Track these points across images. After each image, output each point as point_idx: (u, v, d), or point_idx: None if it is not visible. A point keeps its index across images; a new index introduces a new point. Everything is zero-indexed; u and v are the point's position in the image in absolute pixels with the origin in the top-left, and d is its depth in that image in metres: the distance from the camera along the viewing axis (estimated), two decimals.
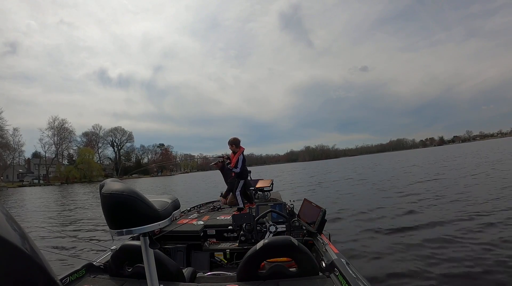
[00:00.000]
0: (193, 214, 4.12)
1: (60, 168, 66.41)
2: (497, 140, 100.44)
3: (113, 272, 1.86)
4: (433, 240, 4.41)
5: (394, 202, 7.88)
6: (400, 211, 6.73)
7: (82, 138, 77.37)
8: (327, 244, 2.37)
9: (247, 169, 4.91)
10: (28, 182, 59.01)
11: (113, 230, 0.94)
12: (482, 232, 4.57)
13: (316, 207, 2.99)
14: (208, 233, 3.24)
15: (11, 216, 0.41)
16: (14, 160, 62.48)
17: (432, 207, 6.80)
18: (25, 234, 0.40)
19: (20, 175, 62.46)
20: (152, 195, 1.09)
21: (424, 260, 3.72)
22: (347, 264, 1.77)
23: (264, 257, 1.74)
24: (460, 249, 3.97)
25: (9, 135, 57.99)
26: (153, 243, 1.07)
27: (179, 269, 1.81)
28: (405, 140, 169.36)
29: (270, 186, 5.35)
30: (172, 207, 1.09)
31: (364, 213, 6.85)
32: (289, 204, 3.50)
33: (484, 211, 5.80)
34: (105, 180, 1.03)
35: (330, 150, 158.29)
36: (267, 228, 2.68)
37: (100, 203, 0.96)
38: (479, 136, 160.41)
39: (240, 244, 2.89)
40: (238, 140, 4.75)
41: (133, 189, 0.96)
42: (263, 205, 3.25)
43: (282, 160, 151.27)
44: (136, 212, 0.93)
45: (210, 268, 2.81)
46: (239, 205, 4.48)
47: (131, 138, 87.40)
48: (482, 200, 6.84)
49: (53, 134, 67.87)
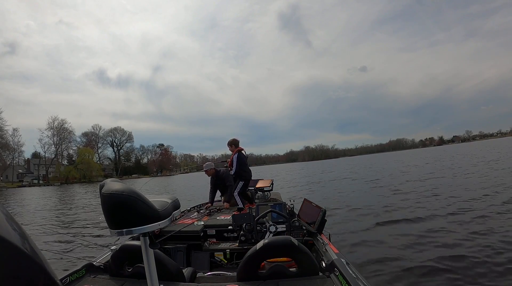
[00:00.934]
0: (193, 214, 4.12)
1: (60, 168, 66.34)
2: (497, 140, 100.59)
3: (113, 272, 1.86)
4: (433, 240, 4.41)
5: (393, 203, 7.88)
6: (400, 211, 6.74)
7: (82, 138, 77.57)
8: (327, 244, 2.37)
9: (249, 170, 4.87)
10: (27, 182, 58.95)
11: (113, 230, 0.94)
12: (486, 235, 4.58)
13: (316, 207, 2.99)
14: (208, 233, 3.24)
15: (11, 216, 0.41)
16: (14, 160, 62.46)
17: (432, 206, 6.80)
18: (25, 234, 0.40)
19: (20, 175, 62.40)
20: (152, 195, 1.09)
21: (424, 259, 3.72)
22: (347, 264, 1.77)
23: (264, 257, 1.74)
24: (462, 249, 3.97)
25: (9, 135, 58.09)
26: (153, 243, 1.07)
27: (179, 269, 1.81)
28: (405, 140, 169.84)
29: (270, 186, 5.35)
30: (172, 207, 1.09)
31: (364, 213, 6.85)
32: (289, 204, 3.50)
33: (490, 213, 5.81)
34: (105, 180, 1.03)
35: (329, 150, 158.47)
36: (267, 228, 2.68)
37: (100, 203, 0.96)
38: (479, 136, 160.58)
39: (240, 244, 2.89)
40: (236, 140, 4.75)
41: (133, 189, 0.96)
42: (263, 205, 3.25)
43: (282, 160, 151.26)
44: (136, 212, 0.93)
45: (210, 268, 2.81)
46: (239, 205, 4.48)
47: (130, 138, 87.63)
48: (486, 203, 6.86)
49: (52, 134, 67.87)
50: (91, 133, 79.72)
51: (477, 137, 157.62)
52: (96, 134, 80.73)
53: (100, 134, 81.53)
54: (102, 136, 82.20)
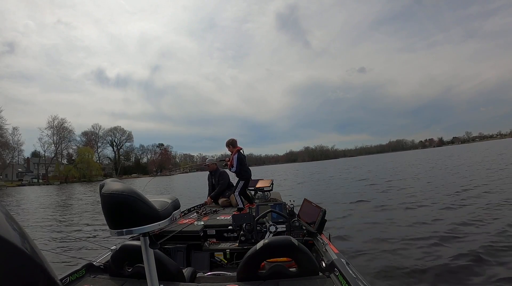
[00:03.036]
0: (193, 214, 4.12)
1: (59, 167, 66.31)
2: (496, 141, 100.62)
3: (113, 272, 1.86)
4: (433, 239, 4.41)
5: (394, 202, 7.88)
6: (400, 210, 6.74)
7: (82, 137, 77.53)
8: (327, 244, 2.37)
9: (249, 169, 4.90)
10: (27, 181, 58.94)
11: (113, 230, 0.93)
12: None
13: (316, 207, 2.99)
14: (208, 233, 3.24)
15: (11, 215, 0.40)
16: (14, 159, 62.55)
17: (431, 207, 6.80)
18: (25, 233, 0.40)
19: (19, 174, 62.37)
20: (152, 195, 1.09)
21: (424, 259, 3.72)
22: (347, 264, 1.77)
23: (264, 257, 1.74)
24: (462, 247, 3.97)
25: (9, 134, 58.17)
26: (153, 243, 1.06)
27: (179, 269, 1.81)
28: (405, 141, 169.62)
29: (270, 186, 5.35)
30: (172, 207, 1.09)
31: (364, 213, 6.86)
32: (289, 204, 3.50)
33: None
34: (105, 180, 1.03)
35: (329, 150, 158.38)
36: (267, 228, 2.68)
37: (100, 203, 0.96)
38: (478, 137, 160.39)
39: (240, 244, 2.89)
40: (234, 140, 4.82)
41: (133, 189, 0.95)
42: (263, 205, 3.24)
43: (282, 160, 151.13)
44: (136, 212, 0.93)
45: (210, 268, 2.81)
46: (239, 206, 4.49)
47: (130, 137, 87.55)
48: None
49: (52, 133, 67.90)
50: (91, 133, 79.83)
51: (476, 139, 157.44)
52: (96, 134, 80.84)
53: (100, 133, 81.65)
54: (102, 136, 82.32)
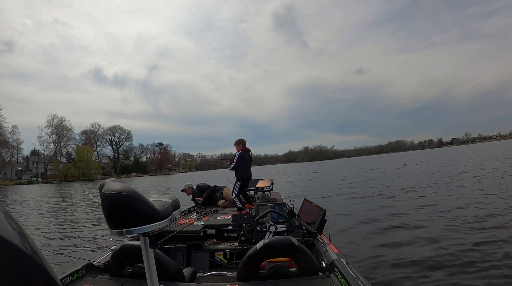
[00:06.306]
0: (193, 214, 4.13)
1: (59, 166, 66.27)
2: (496, 143, 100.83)
3: (113, 272, 1.86)
4: (433, 239, 4.42)
5: (393, 202, 7.89)
6: (400, 211, 6.73)
7: (81, 136, 77.40)
8: (327, 244, 2.38)
9: (247, 170, 4.92)
10: (26, 180, 58.93)
11: (113, 230, 0.93)
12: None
13: (316, 207, 2.99)
14: (208, 233, 3.24)
15: (11, 215, 0.40)
16: (13, 158, 62.44)
17: (432, 207, 6.81)
18: (25, 233, 0.40)
19: (19, 172, 62.37)
20: (152, 195, 1.08)
21: (424, 258, 3.73)
22: (347, 264, 1.77)
23: (264, 257, 1.74)
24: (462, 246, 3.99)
25: (8, 132, 58.06)
26: (153, 243, 1.06)
27: (179, 269, 1.80)
28: (404, 141, 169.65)
29: (270, 186, 5.35)
30: (172, 207, 1.09)
31: (365, 213, 6.85)
32: (289, 204, 3.50)
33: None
34: (105, 180, 1.02)
35: (328, 151, 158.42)
36: (267, 228, 2.68)
37: (100, 202, 0.96)
38: (478, 138, 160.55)
39: (240, 244, 2.89)
40: (243, 140, 5.09)
41: (133, 189, 0.95)
42: (263, 205, 3.25)
43: (281, 160, 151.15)
44: (136, 212, 0.93)
45: (210, 268, 2.81)
46: (238, 206, 4.51)
47: (129, 136, 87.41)
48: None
49: (52, 132, 67.78)
50: (90, 131, 79.66)
51: (476, 140, 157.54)
52: (95, 132, 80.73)
53: (99, 132, 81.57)
54: (101, 135, 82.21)
